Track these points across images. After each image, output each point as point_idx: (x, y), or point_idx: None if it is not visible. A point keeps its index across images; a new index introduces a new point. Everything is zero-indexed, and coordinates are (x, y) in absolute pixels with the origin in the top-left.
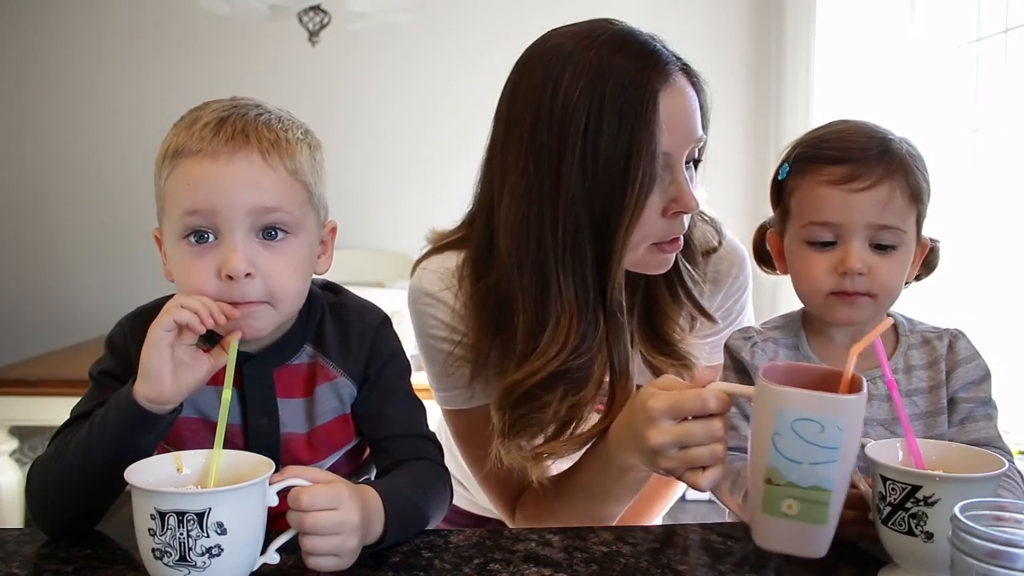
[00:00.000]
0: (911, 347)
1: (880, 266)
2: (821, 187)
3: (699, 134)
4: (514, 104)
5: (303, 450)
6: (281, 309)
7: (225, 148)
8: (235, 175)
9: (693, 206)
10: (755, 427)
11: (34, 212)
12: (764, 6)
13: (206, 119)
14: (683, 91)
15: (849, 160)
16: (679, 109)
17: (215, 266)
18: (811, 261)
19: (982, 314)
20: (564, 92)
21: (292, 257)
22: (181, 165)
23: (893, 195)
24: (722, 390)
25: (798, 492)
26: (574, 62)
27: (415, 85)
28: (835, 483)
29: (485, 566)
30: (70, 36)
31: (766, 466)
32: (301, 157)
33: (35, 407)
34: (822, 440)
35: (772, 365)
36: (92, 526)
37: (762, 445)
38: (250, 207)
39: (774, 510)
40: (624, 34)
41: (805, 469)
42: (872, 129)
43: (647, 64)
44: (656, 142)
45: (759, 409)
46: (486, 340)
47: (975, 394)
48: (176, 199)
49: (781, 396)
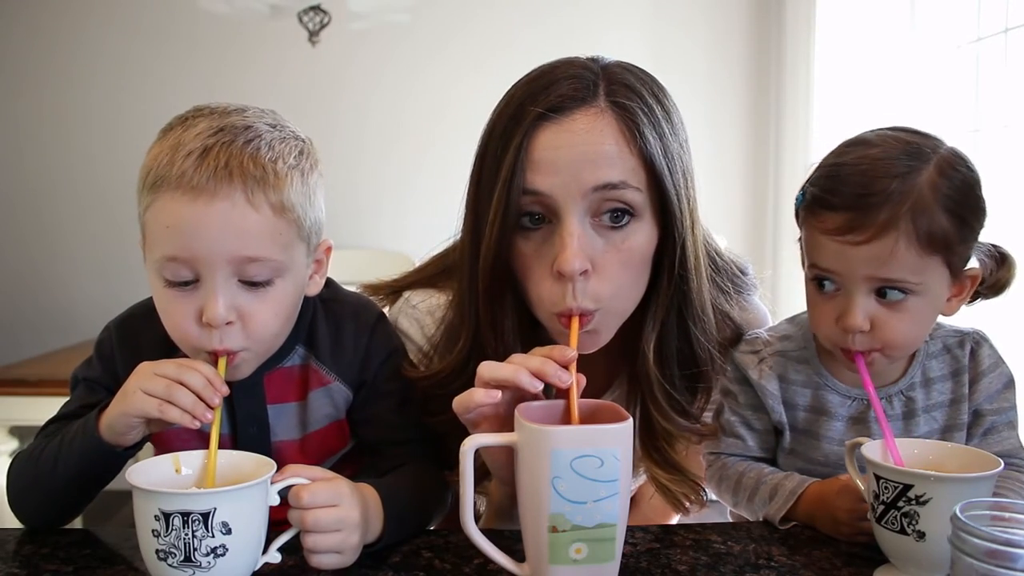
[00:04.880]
0: (930, 356)
1: (887, 321)
2: (819, 234)
3: (597, 181)
4: None
5: (296, 457)
6: (258, 352)
7: (207, 185)
8: (216, 220)
9: (568, 267)
10: (528, 476)
11: (34, 212)
12: (764, 7)
13: (190, 147)
14: (576, 126)
15: (843, 208)
16: (563, 145)
17: (195, 308)
18: (817, 306)
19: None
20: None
21: (275, 302)
22: (159, 200)
23: (896, 248)
24: (482, 444)
25: (585, 534)
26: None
27: (415, 85)
28: (618, 516)
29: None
30: (70, 36)
31: (548, 514)
32: (290, 190)
33: (35, 407)
34: (602, 475)
35: (527, 406)
36: (67, 523)
37: (540, 493)
38: (231, 256)
39: (562, 559)
40: (555, 66)
41: (590, 508)
42: (887, 162)
43: (537, 96)
44: (521, 175)
45: (531, 456)
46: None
47: (999, 404)
48: (156, 240)
49: (556, 437)
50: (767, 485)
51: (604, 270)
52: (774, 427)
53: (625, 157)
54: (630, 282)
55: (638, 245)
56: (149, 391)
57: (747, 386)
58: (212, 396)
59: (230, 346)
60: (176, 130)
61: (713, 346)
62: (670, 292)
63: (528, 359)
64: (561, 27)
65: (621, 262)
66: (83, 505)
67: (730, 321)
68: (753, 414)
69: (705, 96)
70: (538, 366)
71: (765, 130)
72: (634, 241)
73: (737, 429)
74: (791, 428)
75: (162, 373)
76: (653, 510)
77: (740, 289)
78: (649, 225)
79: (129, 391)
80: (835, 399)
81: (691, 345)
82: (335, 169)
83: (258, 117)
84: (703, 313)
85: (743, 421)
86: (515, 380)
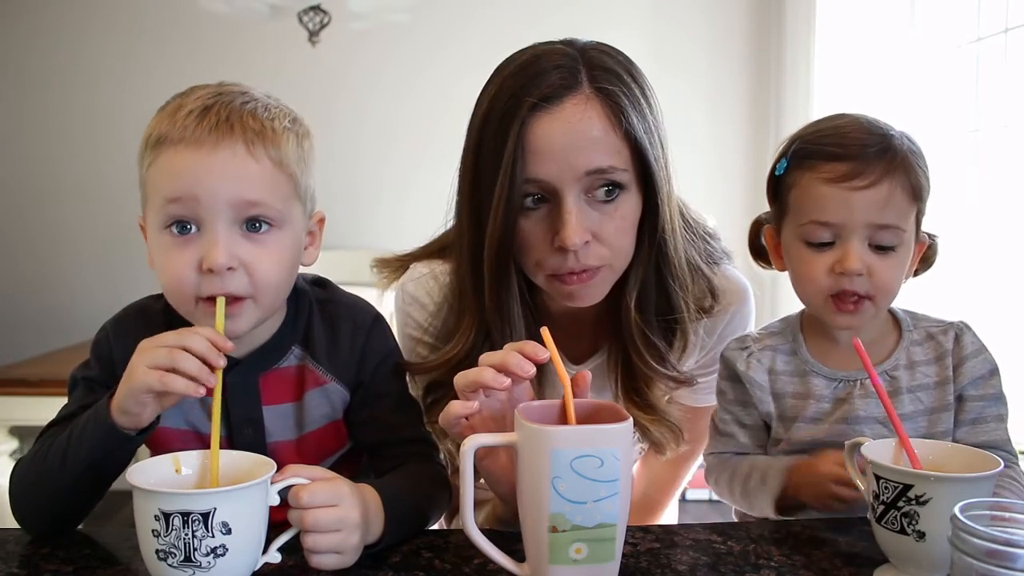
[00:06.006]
0: (914, 343)
1: (879, 267)
2: (820, 185)
3: (589, 166)
4: None
5: (292, 458)
6: (263, 303)
7: (208, 137)
8: (218, 165)
9: (570, 243)
10: (528, 476)
11: (36, 212)
12: (764, 7)
13: (190, 107)
14: (567, 115)
15: (848, 157)
16: (556, 134)
17: (196, 258)
18: (809, 261)
19: (982, 314)
20: (473, 111)
21: (276, 250)
22: (163, 154)
23: (893, 193)
24: (482, 444)
25: (585, 534)
26: (489, 84)
27: (415, 85)
28: (618, 516)
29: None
30: (71, 35)
31: (548, 515)
32: (287, 147)
33: (35, 407)
34: (602, 475)
35: (527, 406)
36: (74, 527)
37: (540, 493)
38: (232, 199)
39: (562, 559)
40: (538, 55)
41: (589, 508)
42: (872, 124)
43: (528, 87)
44: (519, 166)
45: (532, 455)
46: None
47: (984, 391)
48: (158, 187)
49: (556, 436)
50: (759, 471)
51: (603, 238)
52: (764, 422)
53: (611, 140)
54: (627, 244)
55: (629, 212)
56: (152, 363)
57: (736, 382)
58: (216, 357)
59: (235, 291)
60: (175, 100)
61: (688, 298)
62: (652, 252)
63: (492, 355)
64: (561, 27)
65: (616, 229)
66: (88, 505)
67: (703, 276)
68: (743, 410)
69: (705, 96)
70: (500, 360)
71: (765, 130)
72: (625, 209)
73: (730, 428)
74: (779, 417)
75: (163, 343)
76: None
77: (713, 253)
78: (635, 195)
79: (133, 367)
80: (820, 382)
81: (668, 297)
82: (334, 169)
83: (251, 89)
84: (679, 268)
85: (735, 419)
86: (481, 381)
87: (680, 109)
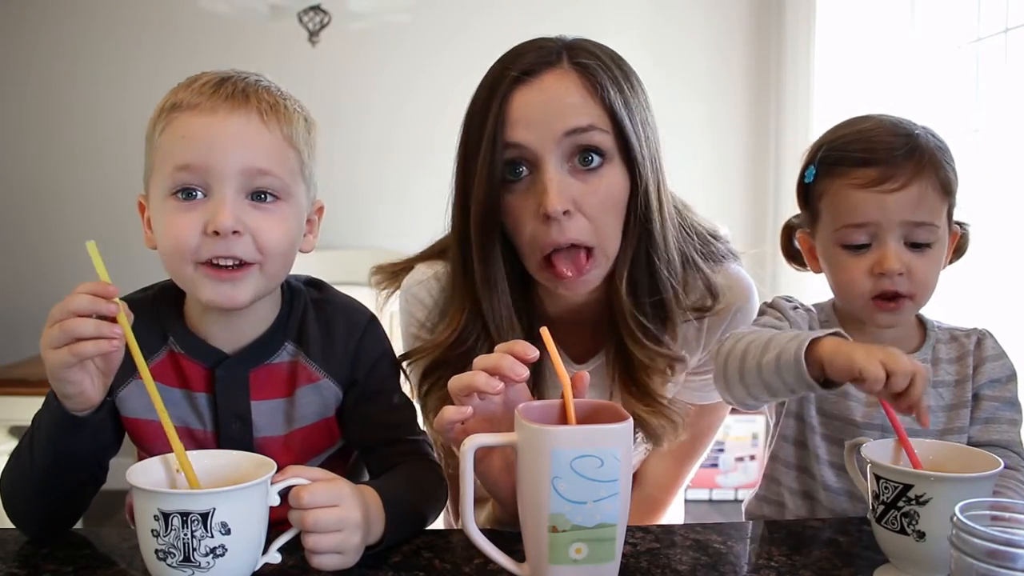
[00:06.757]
0: (939, 342)
1: (917, 265)
2: (851, 191)
3: (566, 126)
4: None
5: (279, 454)
6: (268, 271)
7: (224, 105)
8: (231, 132)
9: (551, 208)
10: (528, 476)
11: (36, 212)
12: (764, 7)
13: (206, 78)
14: (545, 86)
15: (877, 162)
16: (535, 103)
17: (202, 221)
18: (848, 266)
19: (982, 314)
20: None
21: (281, 220)
22: (178, 119)
23: (925, 193)
24: (482, 444)
25: (585, 534)
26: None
27: (416, 85)
28: (618, 516)
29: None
30: (71, 35)
31: (548, 515)
32: (297, 125)
33: (35, 407)
34: (602, 475)
35: (527, 406)
36: (67, 527)
37: (540, 493)
38: (243, 166)
39: (562, 559)
40: (521, 44)
41: (589, 508)
42: (897, 126)
43: (508, 63)
44: (499, 134)
45: (532, 455)
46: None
47: (1000, 393)
48: (169, 152)
49: (556, 436)
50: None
51: (585, 210)
52: None
53: (590, 106)
54: (612, 222)
55: (612, 187)
56: (51, 343)
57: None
58: (105, 306)
59: (241, 255)
60: (189, 77)
61: (676, 283)
62: (637, 231)
63: (485, 358)
64: (561, 27)
65: (599, 203)
66: (72, 502)
67: (699, 271)
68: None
69: (705, 96)
70: (493, 363)
71: (765, 130)
72: (608, 182)
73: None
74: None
75: (51, 321)
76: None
77: (715, 251)
78: (619, 171)
79: (42, 355)
80: None
81: (656, 278)
82: (334, 169)
83: (264, 76)
84: (666, 251)
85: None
86: (474, 385)
87: (680, 109)
